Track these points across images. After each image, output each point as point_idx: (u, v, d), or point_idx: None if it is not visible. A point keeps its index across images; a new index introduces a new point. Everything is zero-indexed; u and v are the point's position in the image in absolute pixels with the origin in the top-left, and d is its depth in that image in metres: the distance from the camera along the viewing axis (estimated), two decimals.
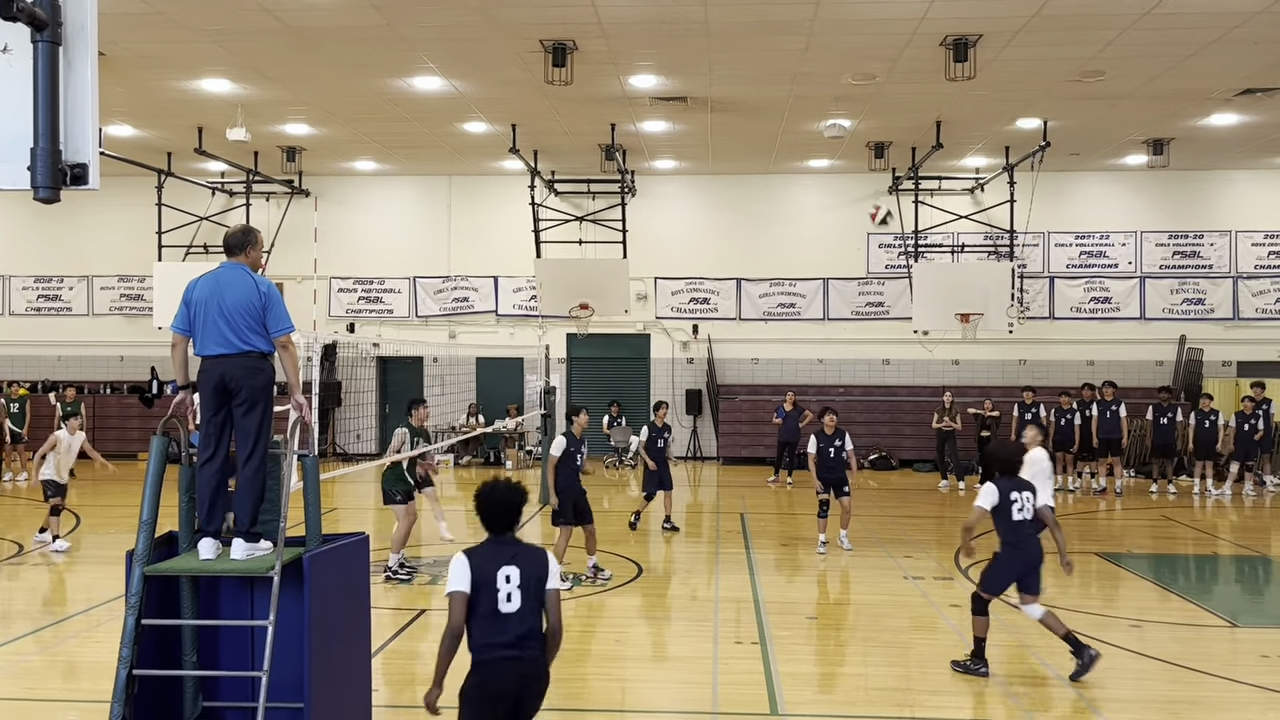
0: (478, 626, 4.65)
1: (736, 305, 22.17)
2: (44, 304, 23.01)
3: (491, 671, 4.62)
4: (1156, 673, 7.81)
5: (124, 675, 4.97)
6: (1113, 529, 14.65)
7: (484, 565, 4.69)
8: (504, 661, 4.62)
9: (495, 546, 4.78)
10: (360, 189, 22.43)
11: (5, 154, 3.44)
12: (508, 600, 4.64)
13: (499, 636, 4.63)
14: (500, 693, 4.61)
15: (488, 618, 4.64)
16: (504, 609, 4.64)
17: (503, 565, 4.68)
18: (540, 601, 4.72)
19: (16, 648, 8.24)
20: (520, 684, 4.64)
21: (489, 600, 4.64)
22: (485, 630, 4.64)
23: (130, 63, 13.61)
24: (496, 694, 4.61)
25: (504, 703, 4.61)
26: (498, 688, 4.61)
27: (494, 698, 4.61)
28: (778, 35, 12.54)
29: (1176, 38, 12.58)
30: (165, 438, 5.36)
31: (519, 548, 4.80)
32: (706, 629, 8.90)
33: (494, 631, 4.63)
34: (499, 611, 4.64)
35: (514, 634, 4.64)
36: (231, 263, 5.72)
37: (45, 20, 3.35)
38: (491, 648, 4.62)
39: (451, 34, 12.52)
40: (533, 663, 4.66)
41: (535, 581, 4.70)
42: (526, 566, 4.70)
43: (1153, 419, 17.79)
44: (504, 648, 4.62)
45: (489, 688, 4.61)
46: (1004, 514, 7.67)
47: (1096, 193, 21.70)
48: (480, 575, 4.66)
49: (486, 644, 4.63)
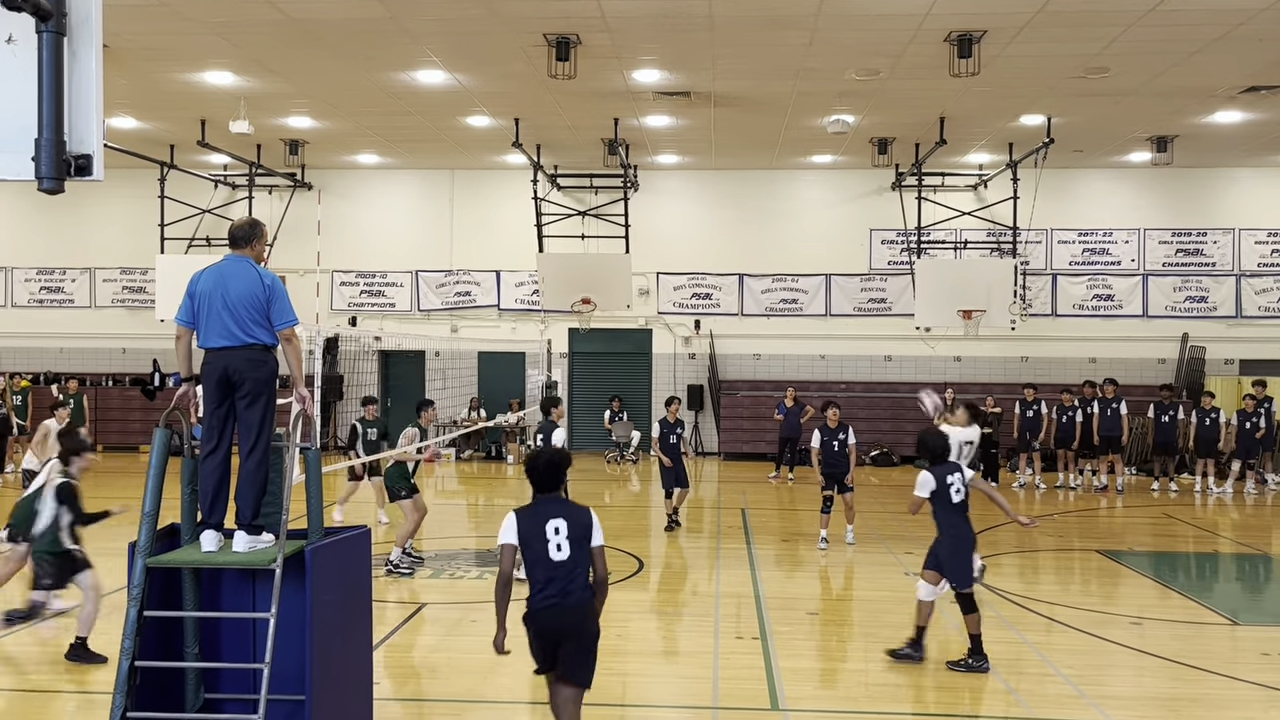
0: (533, 574, 5.29)
1: (739, 301, 22.16)
2: (46, 296, 23.02)
3: (542, 613, 5.26)
4: (1157, 670, 7.81)
5: (126, 666, 4.98)
6: (1113, 527, 14.65)
7: (531, 520, 5.33)
8: (553, 605, 5.24)
9: (542, 504, 5.42)
10: (363, 182, 22.42)
11: (9, 145, 3.43)
12: (558, 550, 5.27)
13: (549, 583, 5.25)
14: (548, 631, 5.26)
15: (541, 564, 5.27)
16: (555, 558, 5.26)
17: (550, 519, 5.31)
18: (587, 554, 5.33)
19: (17, 639, 8.26)
20: (565, 625, 5.25)
21: (540, 549, 5.27)
22: (539, 576, 5.27)
23: (133, 54, 13.60)
24: (545, 632, 5.27)
25: (552, 640, 5.25)
26: (546, 626, 5.26)
27: (543, 635, 5.28)
28: (781, 30, 12.52)
29: (1181, 34, 12.55)
30: (168, 430, 5.36)
31: (566, 505, 5.44)
32: (708, 624, 8.91)
33: (545, 577, 5.26)
34: (550, 560, 5.26)
35: (563, 581, 5.25)
36: (236, 255, 5.71)
37: (50, 11, 3.34)
38: (544, 594, 5.26)
39: (455, 27, 12.50)
40: (577, 608, 5.26)
41: (582, 536, 5.32)
42: (573, 522, 5.34)
43: (1154, 417, 17.78)
44: (555, 594, 5.25)
45: (540, 626, 5.27)
46: (944, 499, 7.84)
47: (1100, 190, 21.67)
48: (527, 528, 5.31)
49: (540, 589, 5.27)
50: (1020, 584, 10.64)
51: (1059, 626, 8.93)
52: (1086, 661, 7.96)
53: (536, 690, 7.34)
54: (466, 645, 8.33)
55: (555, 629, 5.25)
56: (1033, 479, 17.98)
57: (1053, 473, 18.36)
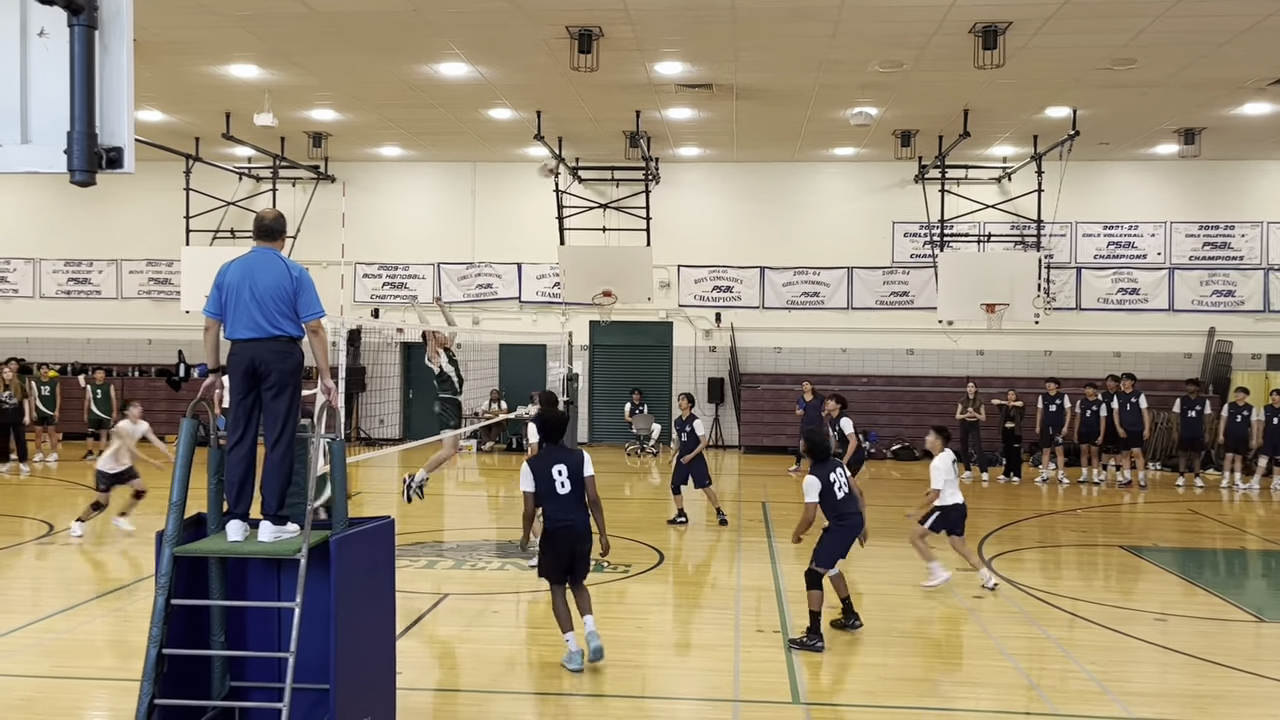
0: (546, 505, 7.36)
1: (760, 294, 22.11)
2: (74, 287, 23.27)
3: (557, 534, 7.35)
4: (1181, 666, 7.76)
5: (154, 654, 5.04)
6: (1137, 522, 14.55)
7: (541, 466, 7.39)
8: (563, 528, 7.35)
9: (550, 452, 7.53)
10: (385, 175, 22.51)
11: (42, 137, 3.47)
12: (562, 487, 7.32)
13: (559, 511, 7.34)
14: (564, 546, 7.35)
15: (551, 498, 7.33)
16: (560, 492, 7.32)
17: (555, 464, 7.37)
18: (582, 486, 7.38)
19: (47, 625, 8.37)
20: (574, 541, 7.36)
21: (549, 487, 7.31)
22: (551, 507, 7.36)
23: (160, 48, 13.70)
24: (560, 548, 7.35)
25: (567, 552, 7.36)
26: (560, 544, 7.35)
27: (558, 551, 7.36)
28: (804, 22, 12.47)
29: (1209, 25, 12.40)
30: (195, 420, 5.41)
31: (565, 452, 7.54)
32: (728, 617, 8.92)
33: (556, 508, 7.34)
34: (558, 494, 7.32)
35: (568, 509, 7.35)
36: (263, 247, 5.75)
37: (81, 4, 3.37)
38: (555, 519, 7.35)
39: (477, 20, 12.52)
40: (582, 526, 7.39)
41: (577, 472, 7.38)
42: (570, 463, 7.40)
43: (1180, 412, 17.62)
44: (562, 519, 7.34)
45: (555, 544, 7.36)
46: (829, 496, 8.20)
47: (1126, 182, 21.47)
48: (539, 472, 7.35)
49: (552, 516, 7.36)
50: (1043, 579, 10.59)
51: (1081, 622, 8.88)
52: (1109, 657, 7.92)
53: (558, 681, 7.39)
54: (489, 635, 8.38)
55: (569, 544, 7.31)
56: (1055, 474, 17.87)
57: (1076, 468, 18.25)
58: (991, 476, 17.76)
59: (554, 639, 8.39)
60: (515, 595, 9.65)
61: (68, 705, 6.76)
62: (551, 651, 8.04)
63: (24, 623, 8.42)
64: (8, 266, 23.35)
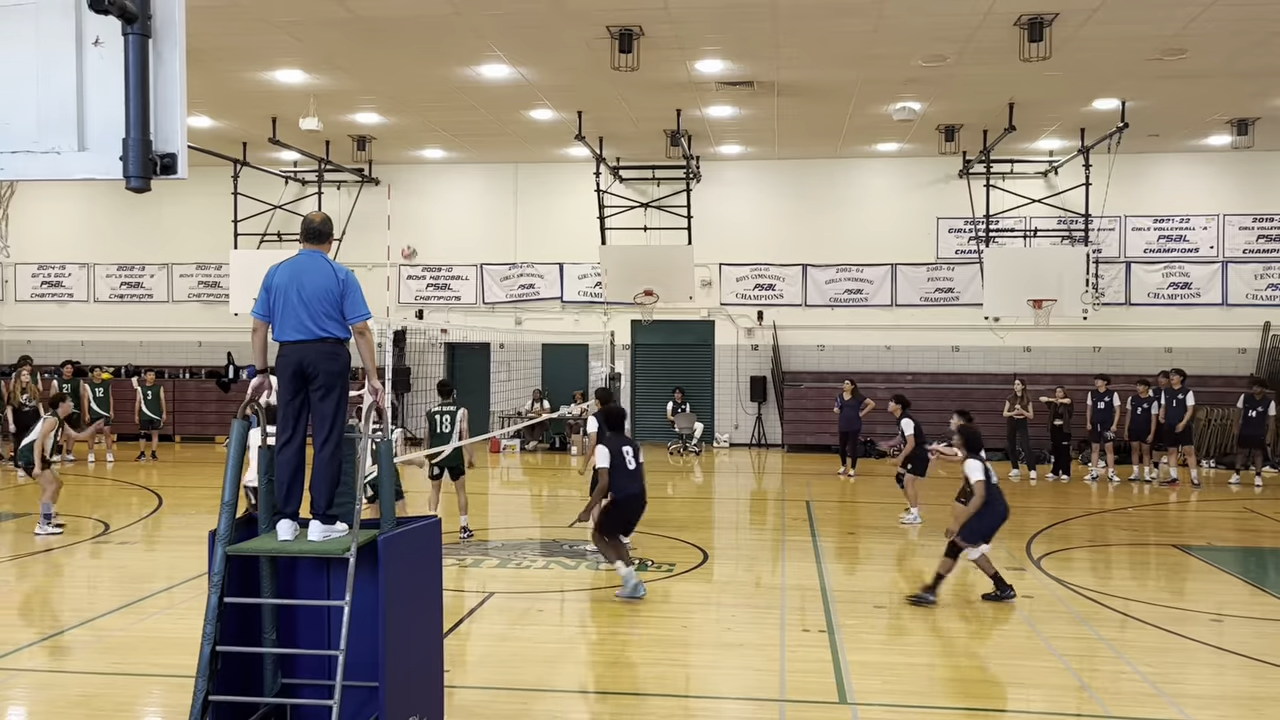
0: (616, 479, 9.25)
1: (802, 291, 21.99)
2: (126, 291, 23.73)
3: (627, 502, 9.39)
4: (1238, 668, 7.60)
5: (207, 651, 5.12)
6: (1188, 521, 14.28)
7: (614, 446, 9.34)
8: (633, 496, 9.40)
9: (617, 436, 9.57)
10: (428, 177, 22.70)
11: (98, 145, 3.54)
12: (632, 463, 9.38)
13: (629, 484, 9.33)
14: (633, 510, 9.54)
15: (622, 473, 9.28)
16: (630, 467, 9.34)
17: (624, 446, 9.40)
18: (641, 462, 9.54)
19: (104, 623, 8.55)
20: (640, 505, 9.59)
21: (622, 463, 9.28)
22: (621, 480, 9.29)
23: (208, 55, 13.94)
24: (629, 514, 9.56)
25: (635, 514, 9.65)
26: (629, 511, 9.52)
27: (628, 512, 9.53)
28: (846, 17, 12.38)
29: (1262, 13, 12.13)
30: (245, 421, 5.49)
31: (629, 437, 9.75)
32: (773, 616, 8.89)
33: (627, 481, 9.32)
34: (628, 469, 9.31)
35: (637, 482, 9.41)
36: (311, 250, 5.82)
37: (135, 13, 3.43)
38: (625, 490, 9.32)
39: (519, 22, 12.59)
40: (642, 494, 9.55)
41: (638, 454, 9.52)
42: (635, 447, 9.54)
43: (1242, 410, 17.18)
44: (632, 489, 9.38)
45: (627, 509, 9.44)
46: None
47: (1176, 175, 21.06)
48: (614, 449, 9.32)
49: (623, 487, 9.32)
50: (1094, 579, 10.42)
51: (1134, 622, 8.73)
52: (1164, 659, 7.78)
53: (603, 679, 7.41)
54: (534, 634, 8.43)
55: (637, 508, 9.56)
56: (1105, 472, 17.58)
57: (1126, 465, 17.93)
58: (1040, 475, 17.52)
59: (599, 636, 8.43)
60: (560, 594, 9.69)
61: (124, 701, 6.89)
62: (595, 650, 8.06)
63: (82, 620, 8.61)
64: (63, 271, 23.87)
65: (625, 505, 9.40)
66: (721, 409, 22.31)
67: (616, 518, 9.42)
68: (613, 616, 9.06)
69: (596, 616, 9.09)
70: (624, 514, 9.47)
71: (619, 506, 9.34)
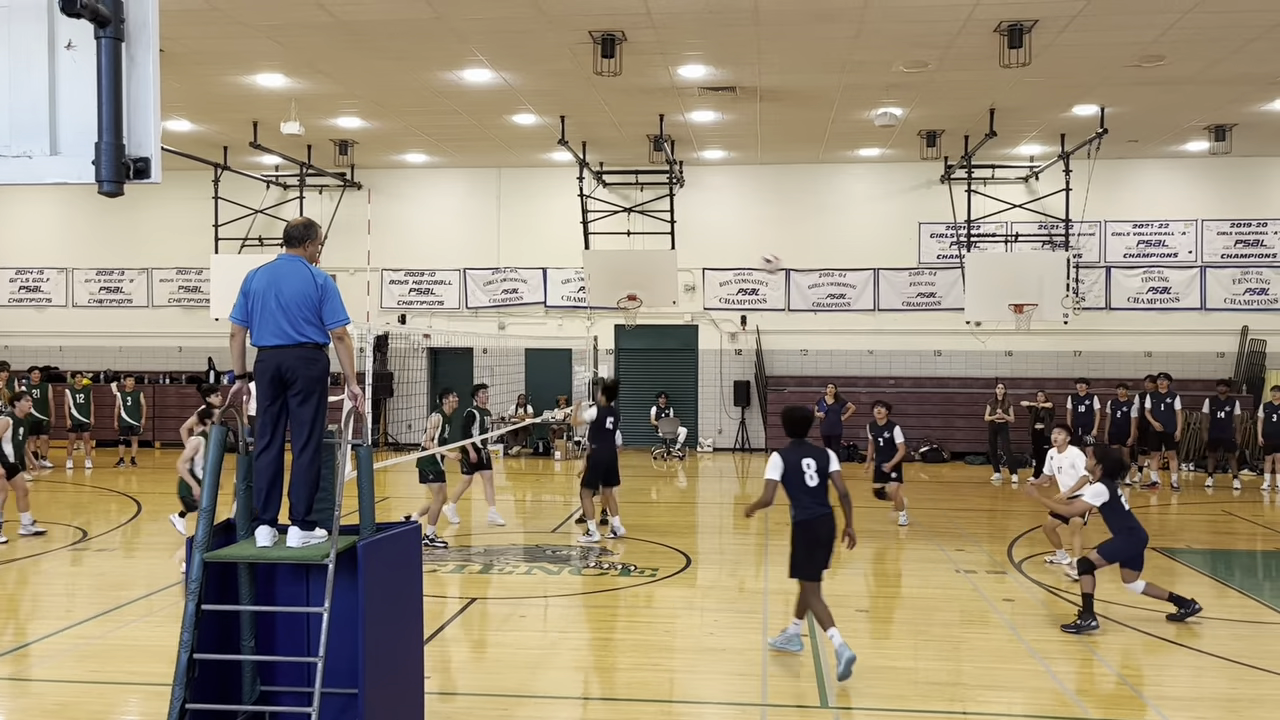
0: (796, 497, 7.66)
1: (785, 296, 22.04)
2: (106, 296, 23.57)
3: (812, 524, 7.65)
4: (1216, 670, 7.65)
5: (185, 659, 5.08)
6: (1169, 524, 14.36)
7: (791, 458, 7.65)
8: (820, 518, 7.65)
9: (797, 446, 7.76)
10: (411, 181, 22.64)
11: (71, 149, 3.51)
12: (811, 479, 7.63)
13: (812, 502, 7.63)
14: (823, 535, 7.66)
15: (801, 490, 7.64)
16: (810, 484, 7.63)
17: (803, 458, 7.66)
18: (827, 480, 7.70)
19: (81, 631, 8.47)
20: (828, 530, 7.67)
21: (798, 480, 7.63)
22: (802, 499, 7.66)
23: (187, 58, 13.86)
24: (820, 536, 7.66)
25: (825, 542, 7.67)
26: (816, 533, 7.66)
27: (816, 538, 7.66)
28: (828, 23, 12.43)
29: (1239, 20, 12.25)
30: (224, 427, 5.46)
31: (811, 447, 7.79)
32: (755, 620, 8.89)
33: (808, 500, 7.64)
34: (807, 486, 7.63)
35: (819, 500, 7.65)
36: (290, 255, 5.79)
37: (108, 17, 3.41)
38: (809, 510, 7.64)
39: (501, 26, 12.58)
40: (831, 517, 7.70)
41: (824, 468, 7.69)
42: (818, 459, 7.70)
43: (1210, 412, 17.36)
44: (818, 509, 7.64)
45: (815, 532, 7.65)
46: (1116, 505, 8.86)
47: (1155, 180, 21.23)
48: (789, 464, 7.63)
49: (805, 508, 7.66)
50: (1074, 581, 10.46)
51: (1114, 625, 8.78)
52: (1143, 661, 7.83)
53: (586, 685, 7.39)
54: (516, 640, 8.40)
55: (827, 532, 7.63)
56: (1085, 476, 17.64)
57: None
58: (1021, 478, 17.59)
59: (582, 642, 8.41)
60: (543, 599, 9.66)
61: (101, 709, 6.83)
62: (577, 655, 8.04)
63: (59, 628, 8.52)
64: (41, 276, 23.68)
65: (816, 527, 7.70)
66: (705, 413, 22.33)
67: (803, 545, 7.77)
68: (595, 622, 9.04)
69: (579, 622, 9.07)
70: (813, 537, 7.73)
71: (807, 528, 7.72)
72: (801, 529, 7.63)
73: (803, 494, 7.60)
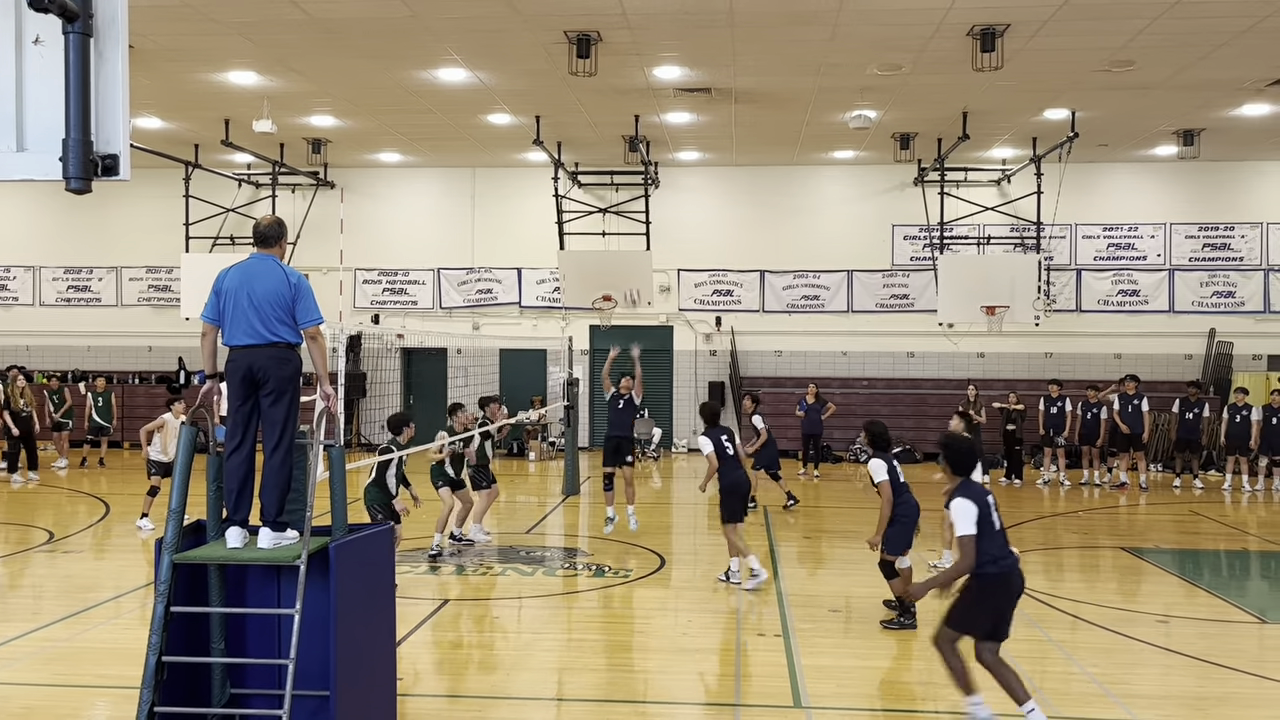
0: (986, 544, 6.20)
1: (760, 297, 22.11)
2: (74, 295, 23.28)
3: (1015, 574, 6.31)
4: (1184, 668, 7.74)
5: (153, 662, 5.03)
6: (1137, 524, 14.52)
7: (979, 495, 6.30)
8: (1016, 565, 6.32)
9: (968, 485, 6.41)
10: (385, 181, 22.52)
11: (37, 145, 3.46)
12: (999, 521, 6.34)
13: (1003, 551, 6.26)
14: (1018, 588, 6.33)
15: (990, 537, 6.23)
16: (998, 527, 6.30)
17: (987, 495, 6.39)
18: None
19: (47, 634, 8.36)
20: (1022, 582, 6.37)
21: (989, 525, 6.25)
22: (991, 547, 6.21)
23: (158, 55, 13.72)
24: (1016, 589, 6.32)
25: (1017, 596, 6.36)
26: (1017, 584, 6.32)
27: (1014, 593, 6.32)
28: (802, 26, 12.48)
29: (1207, 27, 12.41)
30: (194, 428, 5.41)
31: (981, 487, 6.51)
32: (729, 621, 8.91)
33: (998, 548, 6.24)
34: (995, 530, 6.27)
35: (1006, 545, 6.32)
36: (262, 254, 5.74)
37: (76, 12, 3.37)
38: (1003, 561, 6.22)
39: (475, 25, 12.54)
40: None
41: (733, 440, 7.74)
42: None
43: (1179, 413, 17.60)
44: (1011, 555, 6.30)
45: (1014, 585, 6.30)
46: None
47: (1125, 184, 21.47)
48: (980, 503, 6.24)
49: (997, 558, 6.20)
50: (1045, 581, 10.56)
51: (1084, 624, 8.87)
52: (1112, 660, 7.90)
53: (559, 686, 7.38)
54: (489, 641, 8.37)
55: (1020, 586, 6.32)
56: (1057, 476, 17.85)
57: (1077, 470, 18.22)
58: (993, 479, 17.74)
59: (556, 643, 8.39)
60: (517, 600, 9.63)
61: (67, 714, 6.74)
62: (551, 656, 8.02)
63: (25, 631, 8.41)
64: (7, 274, 23.36)
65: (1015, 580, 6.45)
66: (680, 414, 22.36)
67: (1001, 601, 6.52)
68: (569, 623, 9.03)
69: (553, 623, 9.05)
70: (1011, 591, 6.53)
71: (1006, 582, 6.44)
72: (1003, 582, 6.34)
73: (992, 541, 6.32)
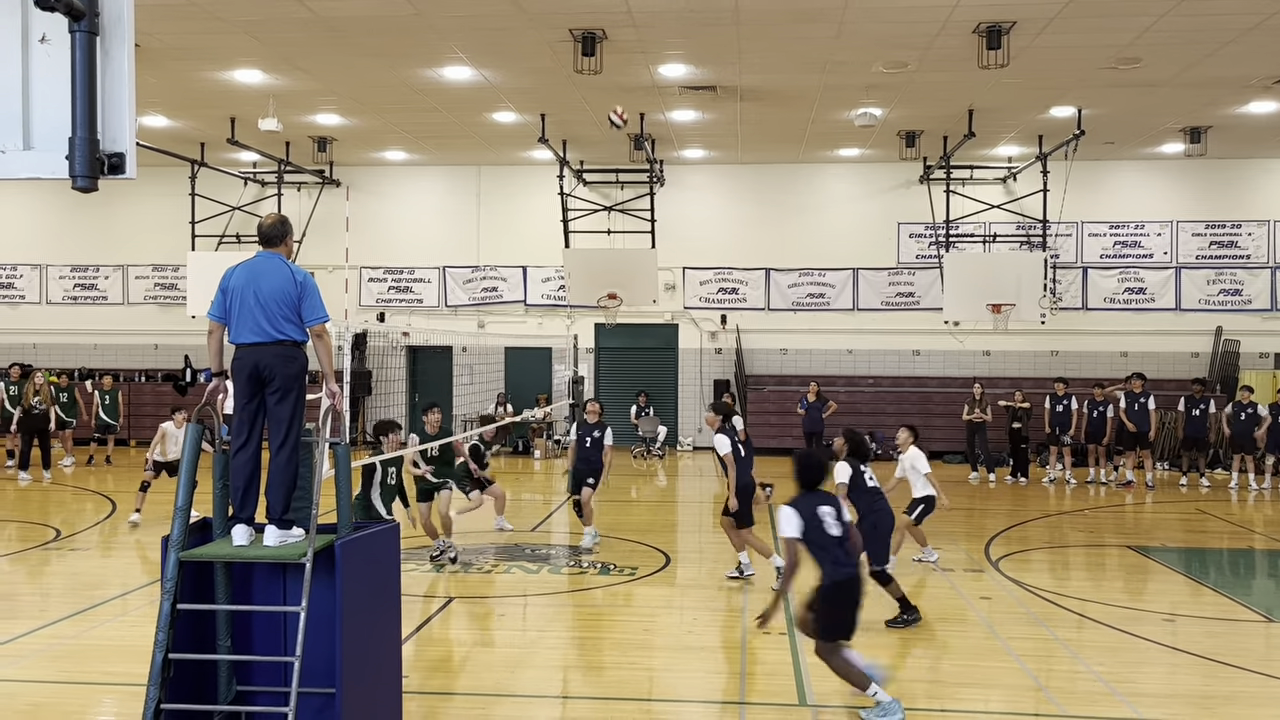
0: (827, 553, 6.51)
1: (765, 295, 22.09)
2: (80, 293, 23.33)
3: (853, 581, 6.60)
4: (1190, 667, 7.73)
5: (160, 659, 5.04)
6: (1143, 523, 14.49)
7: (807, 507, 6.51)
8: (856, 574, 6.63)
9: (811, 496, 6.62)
10: (390, 179, 22.54)
11: (44, 143, 3.47)
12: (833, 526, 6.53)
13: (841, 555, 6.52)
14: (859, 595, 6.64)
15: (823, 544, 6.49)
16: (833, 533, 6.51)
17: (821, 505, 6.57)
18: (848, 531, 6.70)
19: (54, 631, 8.38)
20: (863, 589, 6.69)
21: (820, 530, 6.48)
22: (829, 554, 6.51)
23: (164, 54, 13.74)
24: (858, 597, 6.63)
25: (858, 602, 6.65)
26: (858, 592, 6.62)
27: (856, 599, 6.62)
28: (808, 23, 12.46)
29: (1214, 24, 12.37)
30: (200, 426, 5.41)
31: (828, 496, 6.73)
32: (735, 619, 8.90)
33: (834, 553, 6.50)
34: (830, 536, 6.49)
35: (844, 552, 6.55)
36: (268, 252, 5.75)
37: (83, 11, 3.37)
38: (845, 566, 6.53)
39: (481, 23, 12.54)
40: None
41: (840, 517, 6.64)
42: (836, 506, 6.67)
43: (1184, 411, 17.54)
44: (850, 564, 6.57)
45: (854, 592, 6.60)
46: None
47: (1131, 182, 21.41)
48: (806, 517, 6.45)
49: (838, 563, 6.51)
50: (1051, 580, 10.55)
51: (1090, 623, 8.85)
52: (1118, 658, 7.89)
53: (565, 684, 7.38)
54: (494, 639, 8.38)
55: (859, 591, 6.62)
56: (1063, 474, 17.81)
57: (1083, 468, 18.18)
58: (999, 477, 17.71)
59: (561, 640, 8.40)
60: (522, 598, 9.64)
61: (74, 710, 6.76)
62: (556, 654, 8.03)
63: (32, 628, 8.43)
64: (15, 273, 23.42)
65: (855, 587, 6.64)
66: (685, 412, 22.36)
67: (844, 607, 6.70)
68: (574, 621, 9.04)
69: (558, 621, 9.06)
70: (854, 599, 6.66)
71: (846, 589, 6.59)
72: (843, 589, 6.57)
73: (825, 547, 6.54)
